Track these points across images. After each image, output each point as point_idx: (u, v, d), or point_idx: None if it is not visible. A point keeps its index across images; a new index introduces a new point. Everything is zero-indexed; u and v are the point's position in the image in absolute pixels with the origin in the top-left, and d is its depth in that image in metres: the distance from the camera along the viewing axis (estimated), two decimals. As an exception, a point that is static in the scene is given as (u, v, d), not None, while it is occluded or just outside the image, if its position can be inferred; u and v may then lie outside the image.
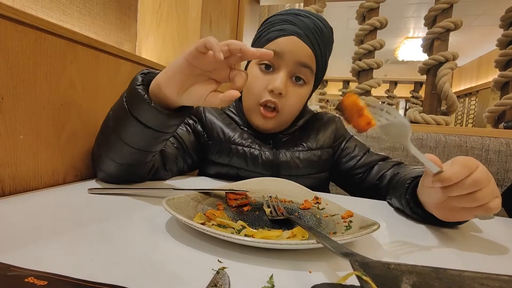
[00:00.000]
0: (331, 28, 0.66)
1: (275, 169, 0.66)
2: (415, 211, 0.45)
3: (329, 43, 0.66)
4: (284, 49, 0.61)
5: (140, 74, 0.46)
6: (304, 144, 0.69)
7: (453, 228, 0.44)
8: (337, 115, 0.78)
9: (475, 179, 0.34)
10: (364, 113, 0.40)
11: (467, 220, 0.44)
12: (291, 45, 0.61)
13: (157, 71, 0.47)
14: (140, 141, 0.48)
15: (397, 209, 0.53)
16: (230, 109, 0.74)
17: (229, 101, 0.41)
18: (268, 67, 0.63)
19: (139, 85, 0.45)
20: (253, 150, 0.66)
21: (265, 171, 0.66)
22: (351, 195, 0.74)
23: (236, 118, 0.72)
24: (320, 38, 0.63)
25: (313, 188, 0.68)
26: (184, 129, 0.69)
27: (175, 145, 0.65)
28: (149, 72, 0.47)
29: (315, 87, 0.70)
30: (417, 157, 0.37)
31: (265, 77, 0.63)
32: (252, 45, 0.69)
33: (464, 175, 0.35)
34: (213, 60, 0.40)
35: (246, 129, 0.70)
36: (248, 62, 0.69)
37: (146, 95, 0.44)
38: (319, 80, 0.70)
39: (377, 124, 0.39)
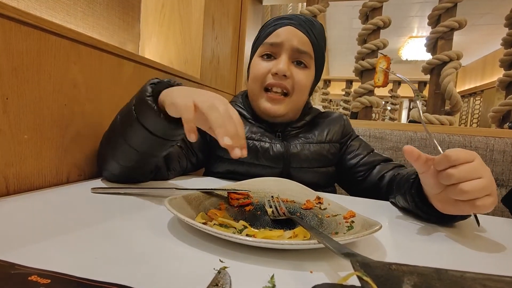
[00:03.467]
0: (321, 25, 0.70)
1: (286, 162, 0.66)
2: (420, 206, 0.45)
3: (323, 36, 0.70)
4: (282, 38, 0.65)
5: (150, 84, 0.47)
6: (314, 137, 0.70)
7: (455, 228, 0.44)
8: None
9: (462, 167, 0.37)
10: (375, 72, 0.46)
11: (467, 217, 0.44)
12: (288, 33, 0.65)
13: (166, 81, 0.48)
14: (147, 147, 0.49)
15: (402, 209, 0.53)
16: (238, 104, 0.75)
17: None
18: (269, 56, 0.67)
19: (148, 96, 0.45)
20: (264, 143, 0.67)
21: (275, 164, 0.66)
22: (351, 195, 0.74)
23: (244, 113, 0.73)
24: (313, 28, 0.67)
25: (321, 183, 0.70)
26: None
27: (178, 144, 0.65)
28: (159, 82, 0.48)
29: (317, 77, 0.72)
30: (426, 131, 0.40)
31: (267, 63, 0.67)
32: (253, 48, 0.73)
33: (458, 161, 0.37)
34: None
35: (254, 122, 0.71)
36: (250, 60, 0.71)
37: (156, 107, 0.45)
38: (320, 70, 0.72)
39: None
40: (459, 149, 0.38)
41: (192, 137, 0.39)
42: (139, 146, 0.48)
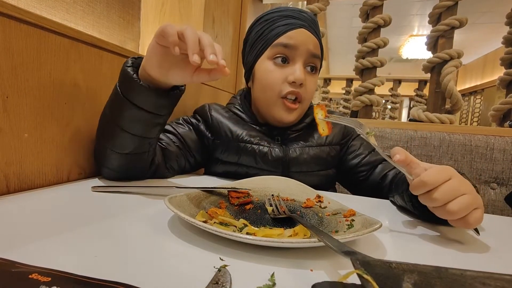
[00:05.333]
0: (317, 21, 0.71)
1: (285, 166, 0.66)
2: (417, 206, 0.45)
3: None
4: (297, 41, 0.63)
5: (131, 58, 0.49)
6: (314, 140, 0.69)
7: (454, 226, 0.44)
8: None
9: (443, 189, 0.36)
10: (317, 124, 0.47)
11: None
12: (303, 37, 0.63)
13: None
14: (136, 126, 0.50)
15: (400, 207, 0.53)
16: (236, 106, 0.74)
17: (219, 77, 0.43)
18: (284, 60, 0.65)
19: (128, 66, 0.47)
20: (262, 147, 0.66)
21: (274, 168, 0.65)
22: (354, 194, 0.74)
23: (243, 115, 0.72)
24: (317, 27, 0.67)
25: (321, 185, 0.69)
26: (187, 128, 0.69)
27: (176, 144, 0.65)
28: (139, 57, 0.49)
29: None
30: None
31: (282, 70, 0.64)
32: (252, 46, 0.68)
33: (437, 183, 0.36)
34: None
35: (254, 126, 0.70)
36: (254, 62, 0.67)
37: (135, 75, 0.46)
38: (320, 67, 0.73)
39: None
40: (432, 170, 0.37)
41: (177, 50, 0.39)
42: (130, 126, 0.49)
